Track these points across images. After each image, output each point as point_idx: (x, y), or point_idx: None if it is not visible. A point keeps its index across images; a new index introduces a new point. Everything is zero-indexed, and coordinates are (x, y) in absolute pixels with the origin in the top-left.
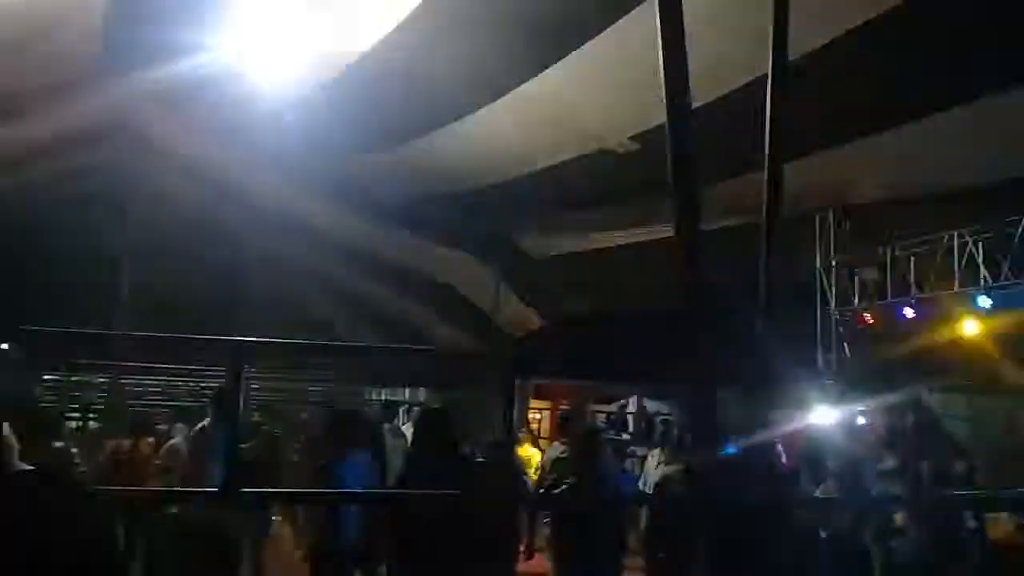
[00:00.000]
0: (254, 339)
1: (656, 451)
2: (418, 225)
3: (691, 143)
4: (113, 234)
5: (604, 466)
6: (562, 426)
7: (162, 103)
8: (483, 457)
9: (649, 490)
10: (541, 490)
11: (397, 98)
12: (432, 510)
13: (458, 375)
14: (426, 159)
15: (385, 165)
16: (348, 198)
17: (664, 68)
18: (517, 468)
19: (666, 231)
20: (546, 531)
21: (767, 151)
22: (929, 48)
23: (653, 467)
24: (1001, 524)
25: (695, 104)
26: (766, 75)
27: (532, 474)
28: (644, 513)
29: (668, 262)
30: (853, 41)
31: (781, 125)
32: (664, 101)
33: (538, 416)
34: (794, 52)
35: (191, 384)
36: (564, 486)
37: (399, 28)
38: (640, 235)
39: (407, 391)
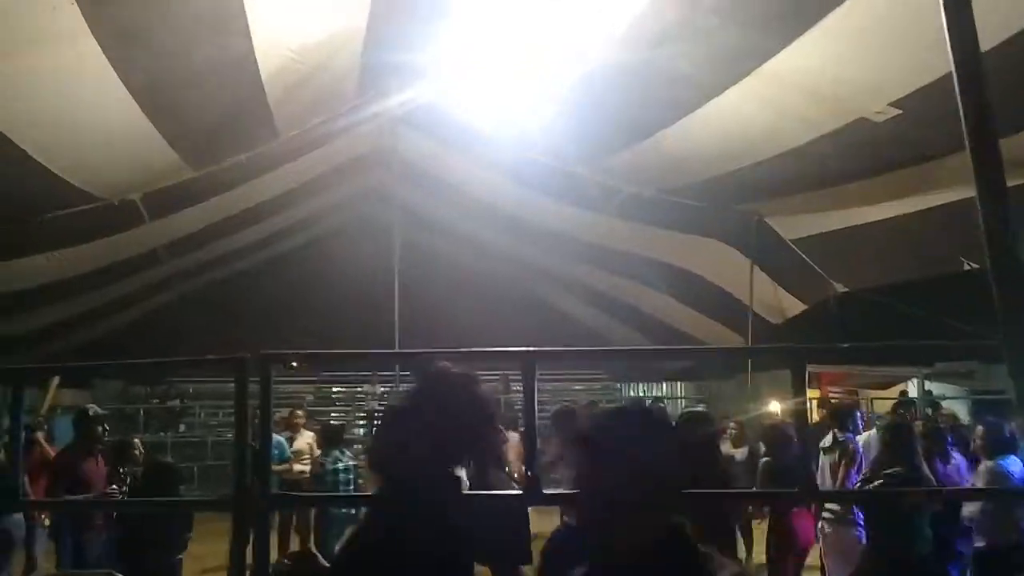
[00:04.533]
0: (545, 349)
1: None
2: (666, 217)
3: (984, 91)
4: (385, 255)
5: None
6: (836, 415)
7: (414, 126)
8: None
9: None
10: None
11: (638, 94)
12: None
13: (725, 367)
14: (671, 151)
15: (630, 163)
16: (596, 201)
17: (946, 9)
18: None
19: (935, 199)
20: None
21: None
22: None
23: None
24: None
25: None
26: None
27: None
28: None
29: (937, 233)
30: None
31: None
32: (949, 49)
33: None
34: None
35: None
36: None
37: (632, 24)
38: (903, 207)
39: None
